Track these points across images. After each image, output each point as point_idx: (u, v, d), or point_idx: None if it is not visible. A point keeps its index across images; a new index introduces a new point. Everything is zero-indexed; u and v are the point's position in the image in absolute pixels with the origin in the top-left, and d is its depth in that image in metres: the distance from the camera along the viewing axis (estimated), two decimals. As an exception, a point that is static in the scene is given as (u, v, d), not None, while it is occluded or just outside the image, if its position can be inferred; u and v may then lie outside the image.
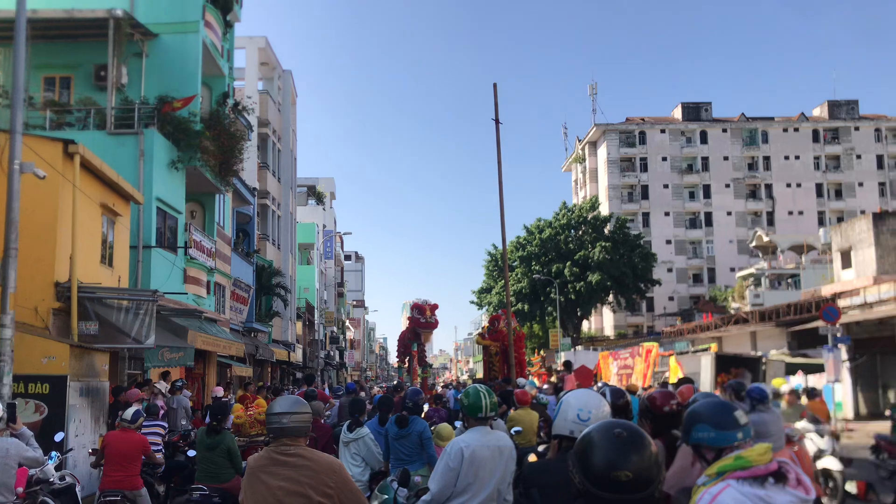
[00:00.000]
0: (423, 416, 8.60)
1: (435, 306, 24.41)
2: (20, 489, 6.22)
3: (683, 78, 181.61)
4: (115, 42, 18.38)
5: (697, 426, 3.07)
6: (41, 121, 17.64)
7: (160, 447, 9.99)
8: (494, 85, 17.52)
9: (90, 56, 19.27)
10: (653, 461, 2.02)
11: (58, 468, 7.77)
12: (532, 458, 5.21)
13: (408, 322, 25.63)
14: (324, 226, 56.02)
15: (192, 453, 10.00)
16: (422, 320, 23.95)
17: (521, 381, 15.82)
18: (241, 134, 22.00)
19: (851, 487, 7.28)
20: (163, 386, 13.43)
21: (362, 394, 17.55)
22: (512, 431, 8.12)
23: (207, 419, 8.15)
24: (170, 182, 18.75)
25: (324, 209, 58.72)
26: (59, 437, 8.57)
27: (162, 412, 11.31)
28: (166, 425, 11.12)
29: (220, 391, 15.62)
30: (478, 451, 4.55)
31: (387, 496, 5.70)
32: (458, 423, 8.47)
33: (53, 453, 7.77)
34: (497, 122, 17.42)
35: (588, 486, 2.00)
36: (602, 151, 74.12)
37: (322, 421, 10.24)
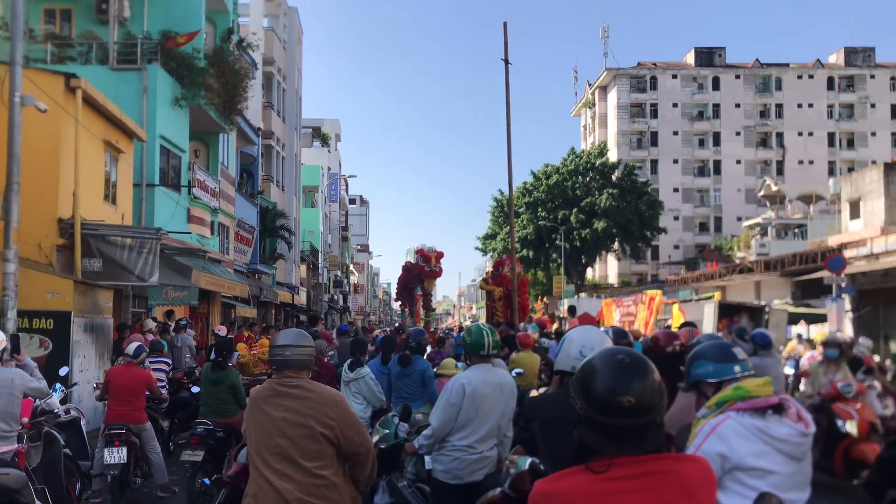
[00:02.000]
0: (425, 357, 8.64)
1: (440, 254, 24.23)
2: (25, 419, 6.27)
3: (698, 22, 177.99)
4: (116, -26, 17.95)
5: (697, 363, 3.07)
6: (42, 54, 17.34)
7: (164, 383, 10.08)
8: (504, 24, 17.16)
9: (91, -12, 18.85)
10: (655, 388, 1.99)
11: (62, 402, 7.83)
12: (533, 393, 5.22)
13: (409, 266, 25.48)
14: (328, 168, 55.67)
15: (195, 390, 10.12)
16: (426, 269, 23.85)
17: (521, 325, 15.89)
18: (246, 71, 21.66)
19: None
20: (150, 324, 13.46)
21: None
22: (513, 373, 8.15)
23: (212, 356, 8.18)
24: (173, 120, 18.54)
25: (329, 151, 58.27)
26: (63, 371, 8.62)
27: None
28: (170, 361, 11.23)
29: (223, 329, 15.72)
30: (479, 387, 4.56)
31: (388, 430, 5.74)
32: (459, 364, 8.52)
33: (58, 386, 7.82)
34: (507, 62, 17.10)
35: (589, 412, 1.98)
36: (612, 96, 73.11)
37: (325, 360, 10.30)
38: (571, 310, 22.01)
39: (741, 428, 2.72)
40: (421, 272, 24.09)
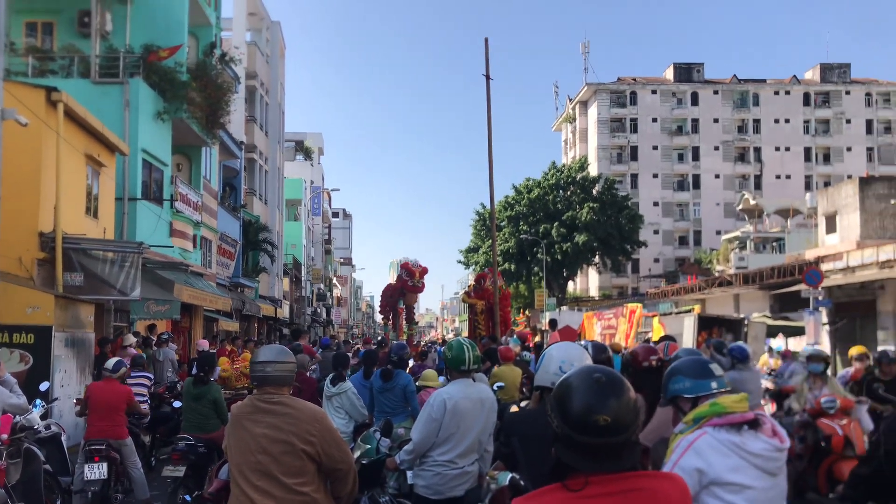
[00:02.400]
0: (408, 371, 8.69)
1: (424, 270, 24.42)
2: (4, 435, 6.24)
3: (677, 37, 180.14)
4: (98, -13, 17.94)
5: (674, 378, 3.12)
6: (23, 67, 17.26)
7: (146, 398, 10.04)
8: (486, 40, 17.35)
9: (73, 1, 18.79)
10: (631, 406, 2.03)
11: (43, 417, 7.78)
12: (514, 409, 5.28)
13: (395, 280, 25.69)
14: (311, 182, 55.62)
15: (177, 404, 10.07)
16: (409, 283, 24.01)
17: (503, 339, 15.96)
18: (229, 85, 21.68)
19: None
20: (131, 339, 13.38)
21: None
22: (495, 387, 8.21)
23: (194, 370, 8.18)
24: (156, 133, 18.50)
25: (311, 165, 58.24)
26: (44, 386, 8.57)
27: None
28: (152, 376, 11.17)
29: (205, 344, 15.66)
30: (460, 402, 4.60)
31: (369, 445, 5.78)
32: (441, 378, 8.57)
33: (38, 402, 7.78)
34: (488, 77, 17.28)
35: (566, 430, 2.01)
36: (593, 111, 73.72)
37: (307, 374, 10.30)
38: (552, 323, 22.10)
39: (717, 443, 2.76)
40: (404, 286, 24.18)
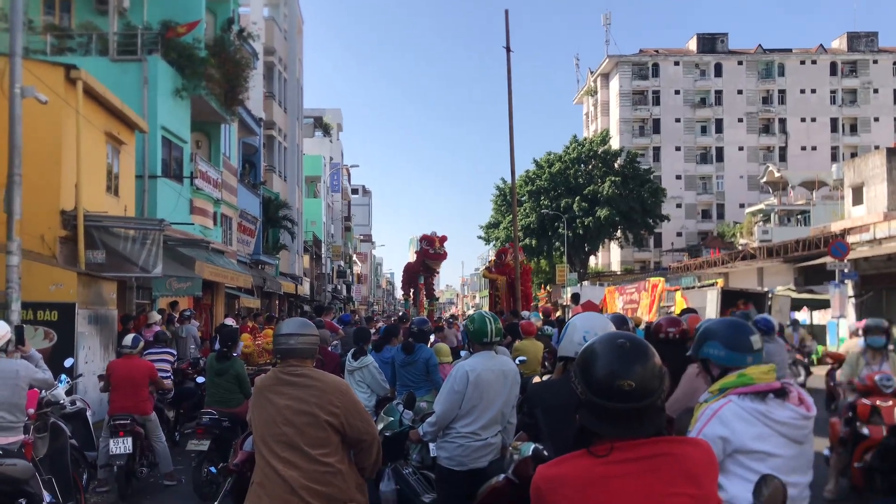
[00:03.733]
0: (429, 345, 8.67)
1: (444, 238, 24.56)
2: (31, 410, 6.30)
3: (700, 8, 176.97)
4: (115, -36, 17.88)
5: (709, 342, 3.03)
6: (42, 45, 17.30)
7: (169, 374, 10.12)
8: (506, 11, 17.08)
9: (90, -22, 18.80)
10: (656, 372, 2.00)
11: (68, 393, 7.86)
12: (536, 380, 5.24)
13: (416, 256, 25.74)
14: (331, 158, 55.62)
15: (200, 380, 10.16)
16: (431, 251, 24.11)
17: (524, 313, 15.90)
18: (247, 62, 21.60)
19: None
20: (156, 317, 13.54)
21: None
22: (517, 361, 8.17)
23: (217, 346, 8.21)
24: (175, 111, 18.51)
25: (331, 141, 58.20)
26: (68, 362, 8.66)
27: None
28: (175, 352, 11.26)
29: (230, 321, 15.76)
30: (483, 374, 4.58)
31: (392, 418, 5.76)
32: (462, 353, 8.55)
33: (63, 377, 7.86)
34: (508, 50, 17.04)
35: (590, 396, 1.99)
36: (614, 84, 72.85)
37: (329, 349, 10.33)
38: (575, 297, 21.99)
39: (742, 411, 2.74)
40: (426, 256, 24.29)
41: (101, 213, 13.74)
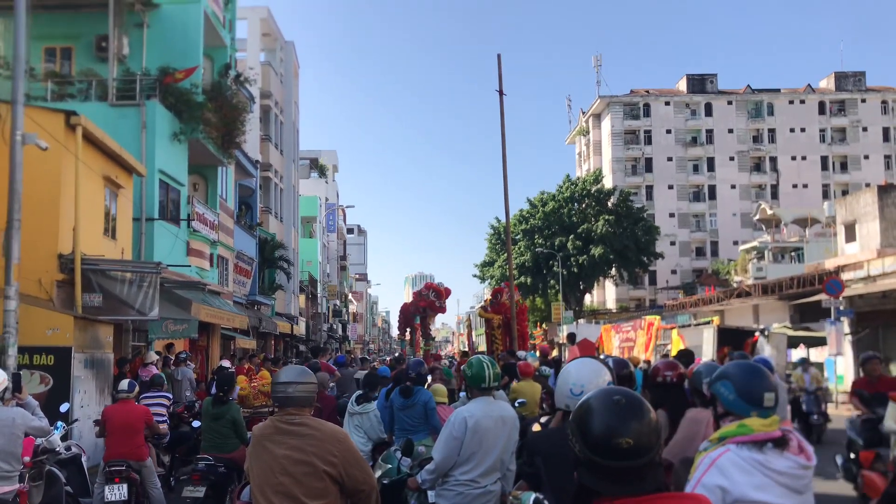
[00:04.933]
0: (426, 387, 8.64)
1: (448, 291, 24.66)
2: (27, 458, 6.27)
3: (689, 49, 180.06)
4: (115, 12, 18.21)
5: (724, 381, 3.04)
6: (42, 92, 17.53)
7: (164, 418, 10.06)
8: (498, 56, 17.39)
9: (91, 27, 19.10)
10: (653, 427, 2.00)
11: (63, 438, 7.81)
12: (536, 427, 5.23)
13: (413, 297, 25.70)
14: (326, 199, 55.87)
15: (196, 424, 10.08)
16: (437, 304, 24.19)
17: (521, 353, 15.86)
18: (244, 106, 21.88)
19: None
20: (153, 357, 13.51)
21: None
22: (516, 403, 8.16)
23: (213, 390, 8.18)
24: (172, 154, 18.67)
25: (326, 182, 58.54)
26: (64, 407, 8.62)
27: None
28: (171, 396, 11.20)
29: (226, 363, 15.69)
30: (481, 420, 4.57)
31: (390, 465, 5.74)
32: (461, 395, 8.52)
33: (59, 423, 7.80)
34: (501, 93, 17.30)
35: (588, 454, 1.99)
36: (606, 124, 73.67)
37: (326, 392, 10.29)
38: (571, 337, 21.94)
39: (740, 460, 2.72)
40: (430, 306, 24.30)
41: (99, 256, 13.78)
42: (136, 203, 16.81)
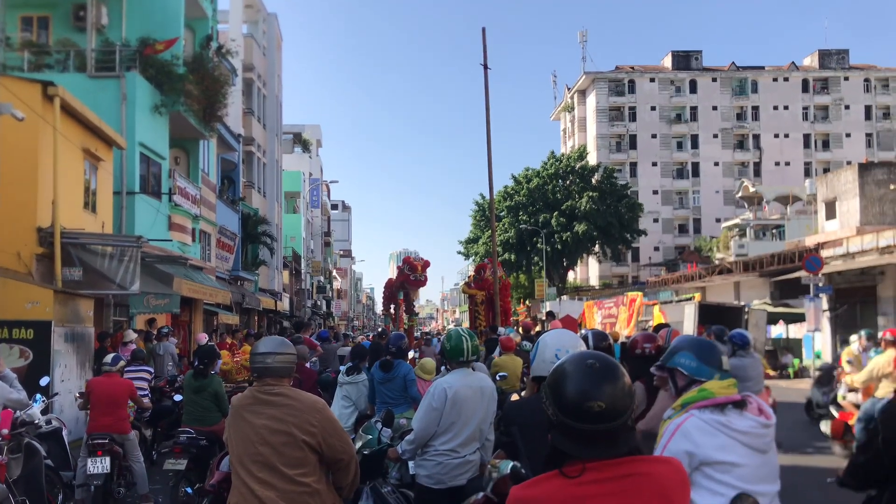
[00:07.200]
0: (408, 361, 8.69)
1: (427, 263, 24.39)
2: (5, 430, 6.24)
3: (675, 25, 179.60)
4: (93, -19, 17.86)
5: (682, 352, 3.13)
6: (19, 62, 17.20)
7: (146, 392, 10.04)
8: (483, 29, 17.28)
9: (68, -5, 18.74)
10: (626, 391, 2.01)
11: (44, 412, 7.77)
12: (514, 397, 5.28)
13: (396, 271, 25.64)
14: (310, 174, 55.53)
15: (178, 398, 10.07)
16: (412, 277, 23.97)
17: (502, 329, 15.95)
18: (225, 78, 21.60)
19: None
20: (131, 335, 13.41)
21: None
22: (497, 377, 8.22)
23: (195, 363, 8.17)
24: (153, 127, 18.45)
25: (310, 157, 58.12)
26: (44, 381, 8.56)
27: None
28: (152, 370, 11.17)
29: (204, 338, 15.64)
30: (460, 391, 4.61)
31: (370, 436, 5.78)
32: (443, 368, 8.57)
33: (38, 396, 7.77)
34: (486, 67, 17.22)
35: (561, 417, 1.99)
36: (591, 100, 73.57)
37: (307, 365, 10.31)
38: (550, 315, 22.13)
39: (703, 423, 2.79)
40: (406, 280, 24.15)
41: (79, 229, 13.65)
42: (117, 176, 16.63)
